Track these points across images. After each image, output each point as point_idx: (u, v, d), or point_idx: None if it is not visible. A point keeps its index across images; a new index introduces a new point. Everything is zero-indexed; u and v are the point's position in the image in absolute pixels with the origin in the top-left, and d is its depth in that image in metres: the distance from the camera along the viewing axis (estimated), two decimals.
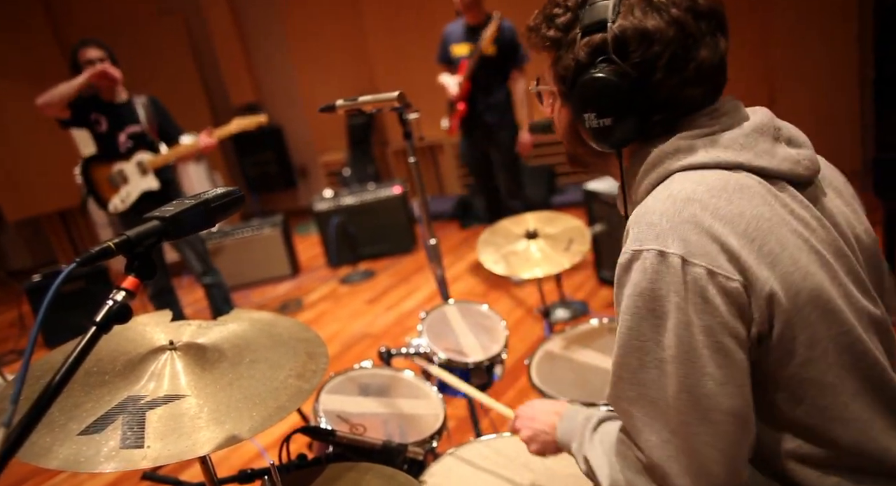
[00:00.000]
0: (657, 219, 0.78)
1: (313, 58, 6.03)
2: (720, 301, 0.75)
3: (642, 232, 0.79)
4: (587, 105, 0.85)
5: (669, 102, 0.84)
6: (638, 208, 0.83)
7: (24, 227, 6.09)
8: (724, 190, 0.79)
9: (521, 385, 2.71)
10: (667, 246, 0.76)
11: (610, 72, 0.82)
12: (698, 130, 0.84)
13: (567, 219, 2.13)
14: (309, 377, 1.01)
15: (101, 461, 0.83)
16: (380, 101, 1.51)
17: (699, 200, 0.78)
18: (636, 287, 0.78)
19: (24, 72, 5.40)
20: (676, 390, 0.76)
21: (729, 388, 0.76)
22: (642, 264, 0.77)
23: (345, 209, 4.69)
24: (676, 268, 0.75)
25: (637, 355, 0.79)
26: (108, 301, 0.70)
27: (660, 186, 0.84)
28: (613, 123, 0.84)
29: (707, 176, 0.81)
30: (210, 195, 0.85)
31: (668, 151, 0.84)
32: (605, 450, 0.90)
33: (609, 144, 0.87)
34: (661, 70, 0.81)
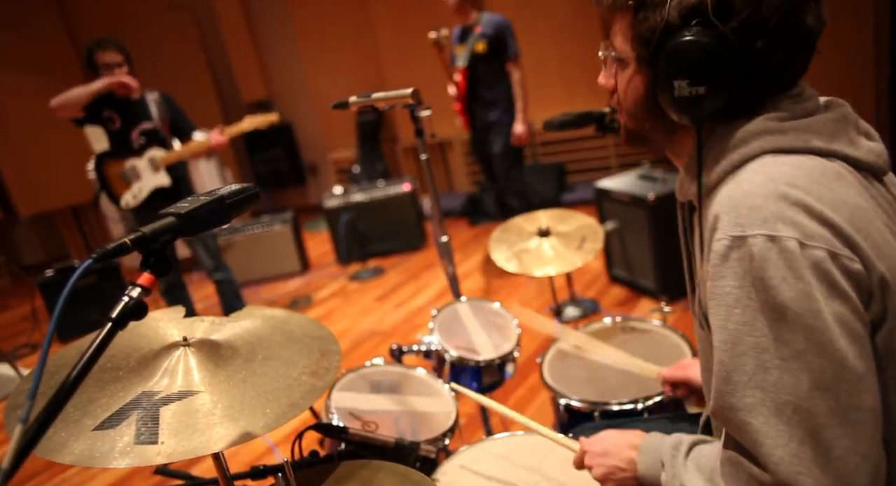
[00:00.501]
0: (761, 202, 0.71)
1: (323, 54, 6.03)
2: (847, 285, 0.68)
3: (743, 216, 0.71)
4: (678, 71, 0.77)
5: (767, 74, 0.77)
6: (728, 192, 0.75)
7: (36, 222, 6.14)
8: (824, 176, 0.74)
9: (530, 383, 2.71)
10: (777, 230, 0.69)
11: (707, 36, 0.74)
12: (785, 112, 0.78)
13: (580, 217, 2.12)
14: (322, 375, 1.01)
15: (115, 457, 0.83)
16: (393, 97, 1.50)
17: (801, 186, 0.72)
18: (744, 277, 0.70)
19: (35, 67, 5.44)
20: (808, 390, 0.67)
21: (868, 381, 0.68)
22: (748, 250, 0.70)
23: (354, 206, 4.69)
24: (794, 252, 0.68)
25: (753, 355, 0.70)
26: (124, 298, 0.70)
27: (747, 168, 0.77)
28: (707, 92, 0.76)
29: (803, 161, 0.75)
30: (225, 192, 0.84)
31: (754, 132, 0.78)
32: (706, 477, 0.80)
33: (695, 116, 0.79)
34: (766, 37, 0.74)
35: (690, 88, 0.77)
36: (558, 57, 5.25)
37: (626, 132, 0.93)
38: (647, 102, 0.85)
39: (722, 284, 0.73)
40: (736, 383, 0.71)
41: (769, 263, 0.69)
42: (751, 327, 0.70)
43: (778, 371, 0.69)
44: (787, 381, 0.68)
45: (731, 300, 0.72)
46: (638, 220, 3.15)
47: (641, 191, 3.11)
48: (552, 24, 5.17)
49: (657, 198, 3.00)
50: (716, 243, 0.73)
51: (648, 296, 3.28)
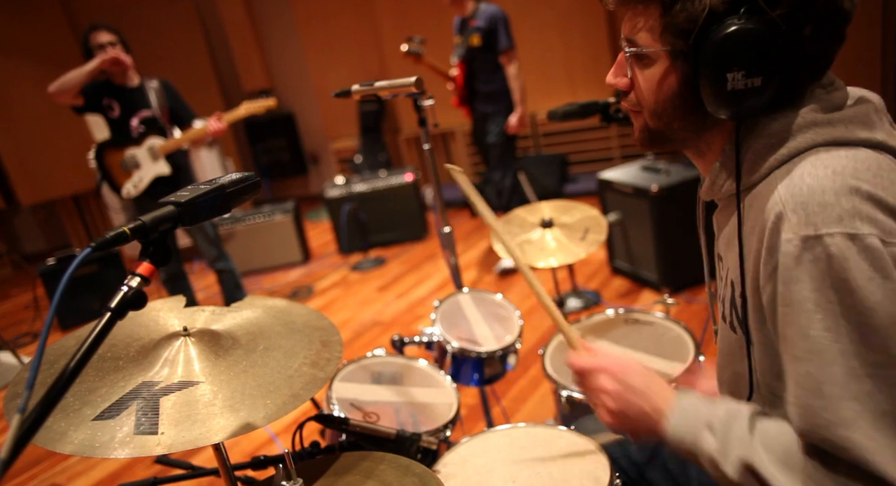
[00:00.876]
0: (832, 198, 0.67)
1: (324, 44, 6.00)
2: None
3: (814, 215, 0.67)
4: (732, 62, 0.71)
5: (817, 61, 0.74)
6: (786, 188, 0.70)
7: (38, 210, 6.14)
8: (882, 169, 0.70)
9: (532, 374, 2.70)
10: (857, 228, 0.65)
11: (758, 22, 0.70)
12: (823, 103, 0.74)
13: (583, 208, 2.10)
14: (323, 366, 1.00)
15: (115, 447, 0.82)
16: (396, 86, 1.48)
17: (866, 180, 0.68)
18: (822, 280, 0.66)
19: (37, 56, 5.42)
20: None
21: None
22: (825, 251, 0.65)
23: (356, 196, 4.68)
24: (878, 250, 0.64)
25: (842, 363, 0.65)
26: (123, 287, 0.69)
27: (802, 162, 0.72)
28: (763, 83, 0.71)
29: (857, 154, 0.71)
30: (226, 180, 0.83)
31: (802, 125, 0.74)
32: (779, 458, 0.71)
33: (744, 109, 0.74)
34: (813, 22, 0.71)
35: (747, 80, 0.72)
36: (562, 47, 5.22)
37: (648, 133, 0.86)
38: (681, 99, 0.79)
39: (797, 288, 0.68)
40: (829, 396, 0.66)
41: (851, 262, 0.65)
42: (835, 334, 0.66)
43: (871, 380, 0.64)
44: (884, 389, 0.64)
45: (810, 306, 0.67)
46: (641, 211, 3.14)
47: (644, 182, 3.09)
48: (556, 15, 5.14)
49: (660, 189, 2.99)
50: (786, 243, 0.69)
51: (650, 288, 3.27)
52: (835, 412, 0.65)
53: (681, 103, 0.80)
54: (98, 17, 3.47)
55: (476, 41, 3.63)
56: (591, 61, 5.16)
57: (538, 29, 5.16)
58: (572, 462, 1.15)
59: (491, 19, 3.60)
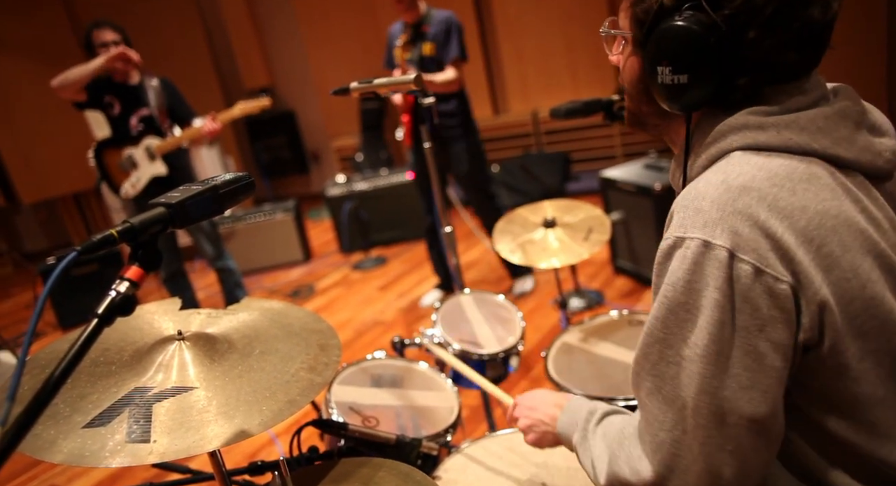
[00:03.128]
0: (707, 206, 0.71)
1: (325, 41, 5.97)
2: (764, 303, 0.69)
3: (688, 218, 0.72)
4: (662, 57, 0.75)
5: (759, 66, 0.73)
6: (686, 191, 0.75)
7: (39, 209, 6.13)
8: (789, 179, 0.71)
9: (534, 375, 2.68)
10: (714, 237, 0.69)
11: (695, 22, 0.71)
12: (774, 105, 0.74)
13: (587, 207, 2.07)
14: (321, 370, 0.98)
15: (105, 456, 0.80)
16: (395, 83, 1.46)
17: (757, 189, 0.70)
18: (672, 276, 0.72)
19: (37, 52, 5.39)
20: (696, 391, 0.71)
21: (753, 393, 0.70)
22: (683, 252, 0.71)
23: (357, 195, 4.66)
24: (722, 262, 0.69)
25: (659, 348, 0.74)
26: (111, 292, 0.66)
27: (715, 165, 0.76)
28: (689, 81, 0.74)
29: (772, 161, 0.73)
30: (219, 181, 0.81)
31: (734, 126, 0.75)
32: (607, 442, 0.85)
33: (679, 105, 0.77)
34: (759, 27, 0.71)
35: (673, 76, 0.75)
36: (565, 45, 5.19)
37: (628, 113, 0.91)
38: (641, 85, 0.83)
39: (657, 281, 0.75)
40: (642, 367, 0.77)
41: (699, 267, 0.70)
42: (664, 324, 0.73)
43: (675, 368, 0.73)
44: (680, 378, 0.73)
45: (660, 296, 0.74)
46: (644, 210, 3.11)
47: (647, 181, 3.06)
48: (559, 12, 5.10)
49: (663, 188, 2.96)
50: (664, 240, 0.75)
51: None
52: (643, 381, 0.77)
53: (643, 88, 0.83)
54: (99, 14, 3.44)
55: (429, 50, 3.10)
56: (594, 59, 5.12)
57: (541, 26, 5.13)
58: (575, 469, 1.13)
59: (443, 22, 3.12)
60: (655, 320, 0.74)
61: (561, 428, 0.96)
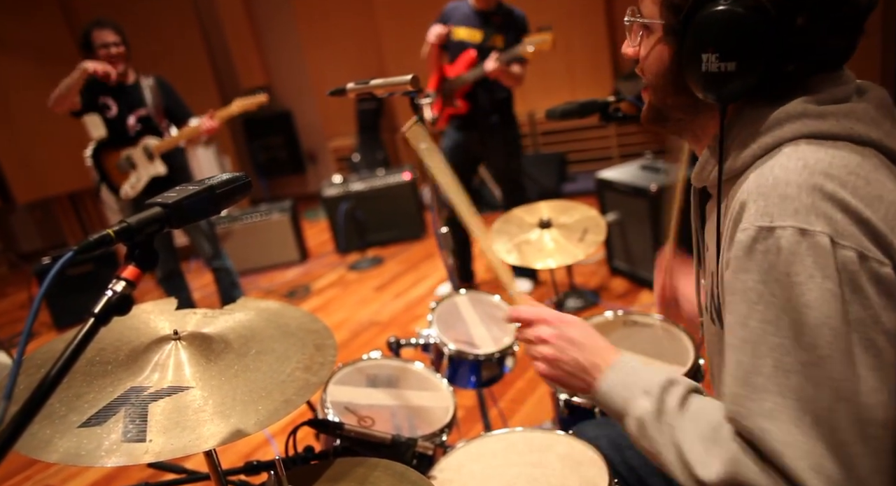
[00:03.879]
0: (794, 191, 0.65)
1: (323, 41, 5.97)
2: (872, 291, 0.63)
3: (773, 206, 0.66)
4: (708, 44, 0.70)
5: (807, 52, 0.71)
6: (757, 178, 0.69)
7: (34, 209, 6.11)
8: (861, 167, 0.68)
9: (530, 376, 2.69)
10: (810, 224, 0.64)
11: (743, 6, 0.68)
12: (824, 94, 0.72)
13: (582, 208, 2.08)
14: (317, 370, 0.98)
15: (101, 455, 0.80)
16: (392, 84, 1.46)
17: (837, 177, 0.66)
18: (770, 272, 0.65)
19: (33, 53, 5.38)
20: (832, 399, 0.63)
21: (883, 396, 0.63)
22: (776, 243, 0.65)
23: (354, 195, 4.66)
24: (825, 249, 0.63)
25: (775, 357, 0.65)
26: (108, 292, 0.67)
27: (780, 153, 0.71)
28: (738, 68, 0.70)
29: (839, 150, 0.69)
30: (215, 181, 0.81)
31: (792, 114, 0.71)
32: (706, 435, 0.71)
33: (721, 94, 0.73)
34: (808, 11, 0.68)
35: (720, 64, 0.70)
36: (561, 46, 5.18)
37: (649, 108, 0.86)
38: (671, 75, 0.79)
39: (745, 278, 0.68)
40: (755, 386, 0.67)
41: (797, 258, 0.64)
42: (774, 327, 0.65)
43: (798, 377, 0.64)
44: (808, 389, 0.64)
45: (753, 296, 0.67)
46: (639, 211, 3.12)
47: (643, 182, 3.07)
48: (556, 14, 5.11)
49: (659, 189, 2.97)
50: (741, 232, 0.68)
51: (649, 288, 3.25)
52: (758, 403, 0.66)
53: (672, 79, 0.79)
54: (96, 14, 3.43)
55: (499, 43, 3.22)
56: (592, 60, 5.14)
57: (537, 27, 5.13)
58: (570, 468, 1.13)
59: (520, 21, 3.28)
60: (764, 324, 0.66)
61: (607, 388, 0.82)
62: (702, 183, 0.86)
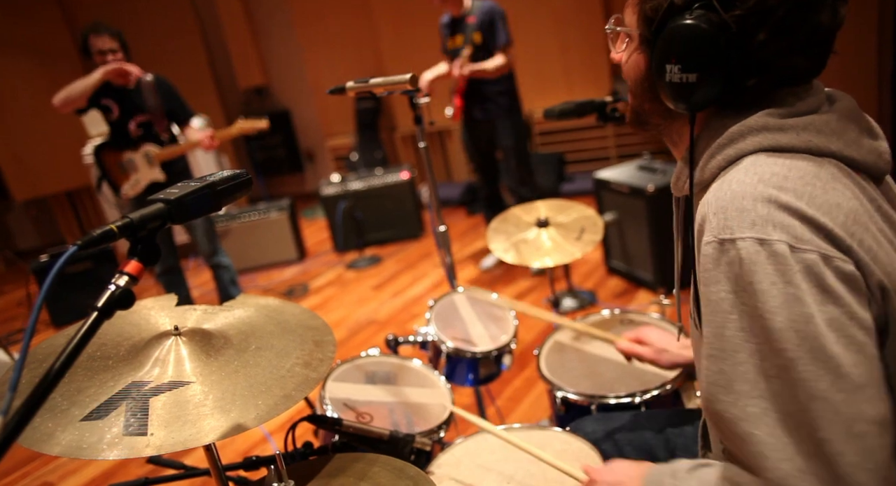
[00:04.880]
0: (750, 204, 0.68)
1: (321, 41, 5.98)
2: (842, 289, 0.65)
3: (732, 219, 0.69)
4: (671, 55, 0.75)
5: (768, 68, 0.74)
6: (716, 192, 0.72)
7: (31, 207, 6.10)
8: (818, 178, 0.70)
9: (527, 374, 2.70)
10: (767, 233, 0.66)
11: (706, 21, 0.71)
12: (787, 108, 0.74)
13: (579, 208, 2.09)
14: (316, 366, 0.99)
15: (103, 448, 0.81)
16: (391, 83, 1.47)
17: (793, 189, 0.69)
18: (737, 282, 0.68)
19: (31, 52, 5.38)
20: (807, 401, 0.64)
21: (870, 390, 0.64)
22: (738, 254, 0.68)
23: (352, 194, 4.67)
24: (784, 255, 0.65)
25: (754, 363, 0.67)
26: (111, 286, 0.68)
27: (739, 166, 0.74)
28: (698, 80, 0.74)
29: (797, 161, 0.72)
30: (216, 178, 0.82)
31: (752, 127, 0.74)
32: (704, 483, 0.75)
33: (686, 104, 0.77)
34: (769, 29, 0.71)
35: (682, 75, 0.75)
36: (558, 46, 5.21)
37: (630, 112, 0.90)
38: (647, 82, 0.83)
39: (716, 289, 0.70)
40: (739, 392, 0.68)
41: (758, 266, 0.66)
42: (749, 334, 0.67)
43: (777, 381, 0.66)
44: (786, 391, 0.65)
45: (726, 306, 0.69)
46: (637, 211, 3.13)
47: (641, 182, 3.08)
48: (552, 14, 5.13)
49: (656, 189, 2.98)
50: (706, 245, 0.71)
51: (646, 288, 3.27)
52: (742, 408, 0.68)
53: (648, 87, 0.83)
54: (94, 13, 3.45)
55: (478, 39, 3.49)
56: (588, 60, 5.15)
57: (535, 28, 5.15)
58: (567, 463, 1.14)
59: (489, 14, 3.49)
60: (742, 332, 0.68)
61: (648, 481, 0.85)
62: (679, 192, 0.89)
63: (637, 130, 0.92)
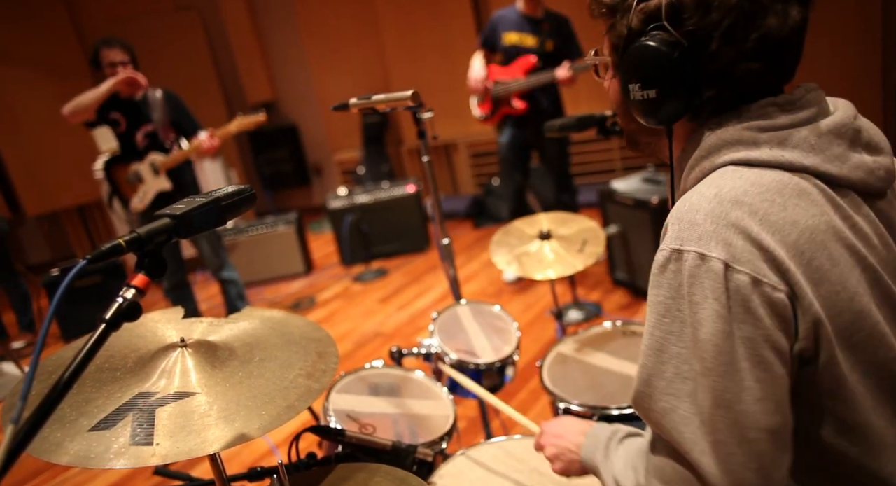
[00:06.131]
0: (701, 219, 0.72)
1: (328, 55, 6.05)
2: (764, 312, 0.70)
3: (683, 231, 0.73)
4: (632, 75, 0.80)
5: (723, 77, 0.77)
6: (680, 203, 0.77)
7: (43, 221, 6.17)
8: (780, 194, 0.73)
9: (532, 387, 2.70)
10: (709, 249, 0.71)
11: (659, 40, 0.76)
12: (768, 121, 0.77)
13: (581, 220, 2.11)
14: (319, 377, 1.01)
15: (110, 458, 0.83)
16: (393, 100, 1.50)
17: (749, 204, 0.72)
18: (673, 290, 0.73)
19: (42, 66, 5.46)
20: (712, 405, 0.70)
21: (768, 404, 0.70)
22: (680, 265, 0.72)
23: (359, 207, 4.70)
24: (718, 273, 0.70)
25: (675, 364, 0.73)
26: (118, 299, 0.70)
27: (708, 178, 0.77)
28: (658, 95, 0.78)
29: (764, 176, 0.74)
30: (221, 193, 0.85)
31: (727, 141, 0.77)
32: (628, 459, 0.85)
33: (655, 119, 0.81)
34: (718, 40, 0.74)
35: (643, 92, 0.80)
36: None
37: (624, 135, 0.95)
38: (623, 105, 0.88)
39: (656, 293, 0.75)
40: (655, 387, 0.75)
41: (697, 280, 0.71)
42: (677, 338, 0.73)
43: (692, 383, 0.72)
44: (698, 394, 0.72)
45: (661, 310, 0.74)
46: (641, 223, 3.14)
47: (645, 194, 3.10)
48: None
49: (661, 201, 2.99)
50: (659, 253, 0.76)
51: None
52: (656, 402, 0.75)
53: (625, 109, 0.89)
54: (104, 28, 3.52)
55: (550, 47, 3.49)
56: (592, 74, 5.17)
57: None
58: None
59: (567, 26, 3.50)
60: (666, 336, 0.74)
61: (585, 453, 0.95)
62: (670, 202, 0.92)
63: (634, 151, 0.97)
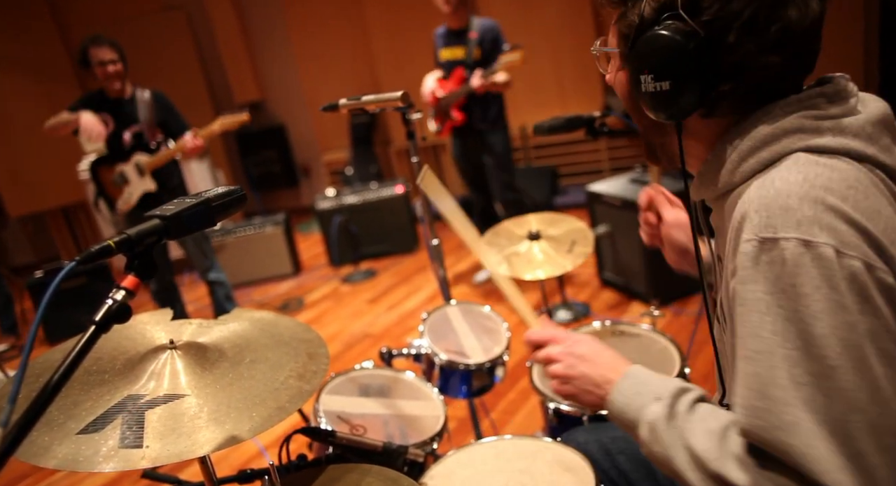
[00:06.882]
0: (795, 203, 0.66)
1: (316, 56, 6.03)
2: (881, 301, 0.64)
3: (776, 217, 0.66)
4: (644, 66, 0.76)
5: (742, 70, 0.73)
6: (759, 189, 0.70)
7: (26, 222, 6.10)
8: (859, 182, 0.68)
9: (521, 387, 2.71)
10: (813, 235, 0.64)
11: (674, 30, 0.72)
12: (820, 111, 0.73)
13: (570, 221, 2.12)
14: (309, 378, 1.01)
15: (99, 461, 0.82)
16: (383, 100, 1.50)
17: (837, 190, 0.67)
18: (777, 283, 0.65)
19: (27, 68, 5.41)
20: (845, 411, 0.62)
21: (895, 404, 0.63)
22: (780, 254, 0.65)
23: (347, 208, 4.69)
24: (830, 260, 0.63)
25: (786, 368, 0.65)
26: (108, 301, 0.69)
27: (781, 165, 0.71)
28: (672, 87, 0.74)
29: (838, 164, 0.70)
30: (211, 194, 0.84)
31: (787, 129, 0.73)
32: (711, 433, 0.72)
33: (667, 113, 0.77)
34: (737, 31, 0.71)
35: (655, 84, 0.76)
36: (552, 61, 5.27)
37: (643, 145, 0.90)
38: (633, 99, 0.84)
39: (753, 289, 0.68)
40: (773, 399, 0.66)
41: (802, 269, 0.64)
42: (782, 338, 0.65)
43: (810, 388, 0.64)
44: (820, 399, 0.63)
45: (762, 307, 0.67)
46: (629, 223, 3.16)
47: (633, 195, 3.12)
48: (546, 29, 5.19)
49: None
50: (745, 243, 0.68)
51: (639, 300, 3.29)
52: (778, 416, 0.65)
53: (634, 104, 0.84)
54: (90, 30, 3.48)
55: (477, 55, 3.58)
56: (582, 74, 5.21)
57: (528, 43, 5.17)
58: (558, 474, 1.15)
59: (492, 32, 3.58)
60: (774, 337, 0.65)
61: (620, 398, 0.83)
62: (700, 196, 0.88)
63: (653, 162, 0.90)
